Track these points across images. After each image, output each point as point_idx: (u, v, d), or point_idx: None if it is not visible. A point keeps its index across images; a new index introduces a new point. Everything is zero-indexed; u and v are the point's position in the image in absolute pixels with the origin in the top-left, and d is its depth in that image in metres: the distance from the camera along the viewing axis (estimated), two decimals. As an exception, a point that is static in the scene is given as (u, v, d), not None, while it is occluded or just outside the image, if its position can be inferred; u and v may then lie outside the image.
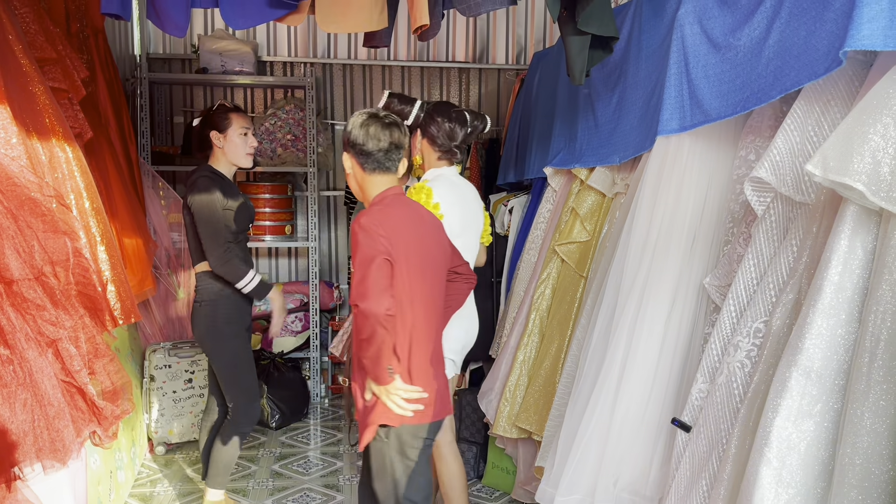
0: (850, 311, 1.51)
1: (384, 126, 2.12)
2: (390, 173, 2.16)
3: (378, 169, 2.15)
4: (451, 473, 2.69)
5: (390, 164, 2.15)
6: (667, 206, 2.26)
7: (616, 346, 2.26)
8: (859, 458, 1.42)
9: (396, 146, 2.13)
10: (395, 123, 2.15)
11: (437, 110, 2.71)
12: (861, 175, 1.42)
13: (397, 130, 2.14)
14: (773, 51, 1.86)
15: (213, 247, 2.84)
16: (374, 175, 2.16)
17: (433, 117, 2.68)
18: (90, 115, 3.04)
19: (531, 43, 5.51)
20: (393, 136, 2.12)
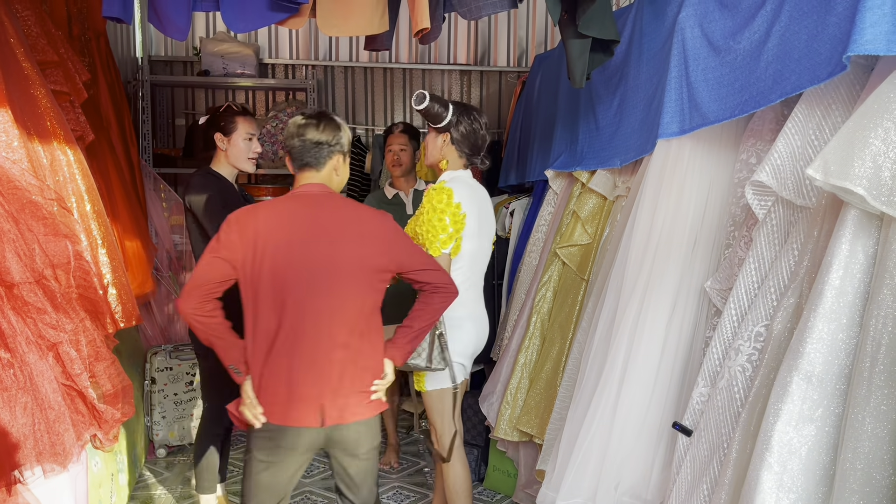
0: (852, 315, 1.51)
1: (306, 124, 2.15)
2: (312, 169, 2.17)
3: (302, 166, 2.17)
4: (456, 476, 2.69)
5: (310, 159, 2.15)
6: (668, 210, 2.26)
7: (617, 349, 2.26)
8: (860, 462, 1.42)
9: (317, 143, 2.14)
10: (320, 121, 2.16)
11: (469, 117, 2.67)
12: (862, 179, 1.42)
13: (315, 129, 2.15)
14: (773, 54, 1.86)
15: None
16: (300, 172, 2.20)
17: (465, 125, 2.65)
18: (92, 118, 3.05)
19: (532, 45, 5.51)
20: (310, 133, 2.14)
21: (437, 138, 2.68)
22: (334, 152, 2.18)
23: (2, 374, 1.53)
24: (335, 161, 2.19)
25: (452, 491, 2.69)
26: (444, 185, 2.60)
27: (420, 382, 2.67)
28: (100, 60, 3.49)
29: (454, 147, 2.66)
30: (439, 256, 2.55)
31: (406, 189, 3.72)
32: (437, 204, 2.55)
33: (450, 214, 2.54)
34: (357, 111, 5.43)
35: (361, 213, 2.23)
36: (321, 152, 2.16)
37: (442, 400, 2.65)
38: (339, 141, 2.19)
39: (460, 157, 2.69)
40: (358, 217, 2.20)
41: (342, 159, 2.23)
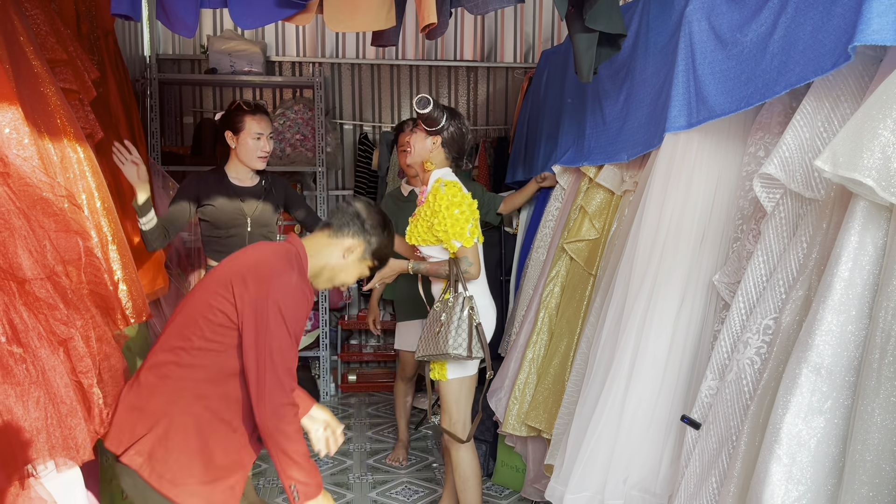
0: (861, 307, 1.51)
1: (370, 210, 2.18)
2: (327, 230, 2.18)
3: (325, 224, 2.20)
4: (467, 464, 2.75)
5: (334, 220, 2.17)
6: (676, 204, 2.26)
7: (625, 343, 2.26)
8: (870, 454, 1.42)
9: (356, 215, 2.17)
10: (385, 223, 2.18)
11: (457, 117, 2.76)
12: (871, 171, 1.41)
13: (366, 208, 2.17)
14: (779, 46, 1.86)
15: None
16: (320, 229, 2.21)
17: (456, 130, 2.74)
18: (101, 116, 3.06)
19: (539, 41, 5.50)
20: (361, 208, 2.17)
21: (427, 139, 2.75)
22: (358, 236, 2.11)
23: (14, 368, 1.54)
24: (351, 243, 2.10)
25: (462, 479, 2.74)
26: (447, 180, 2.68)
27: (442, 372, 2.74)
28: (108, 58, 3.50)
29: (444, 149, 2.75)
30: (471, 247, 2.66)
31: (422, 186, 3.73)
32: (454, 198, 2.63)
33: (466, 205, 2.64)
34: (364, 108, 5.44)
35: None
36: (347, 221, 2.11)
37: (461, 388, 2.75)
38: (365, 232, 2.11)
39: (447, 159, 2.78)
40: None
41: (359, 252, 2.12)
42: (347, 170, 5.47)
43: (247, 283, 1.88)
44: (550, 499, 2.39)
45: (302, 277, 1.99)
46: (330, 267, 2.11)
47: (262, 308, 1.86)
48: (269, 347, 1.86)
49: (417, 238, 2.76)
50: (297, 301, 1.92)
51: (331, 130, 5.09)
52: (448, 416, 2.78)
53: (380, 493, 3.53)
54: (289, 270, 1.95)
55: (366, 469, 3.83)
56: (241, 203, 3.11)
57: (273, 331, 1.86)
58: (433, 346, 2.66)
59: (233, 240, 3.13)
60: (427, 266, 2.75)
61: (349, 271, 2.14)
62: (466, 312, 2.63)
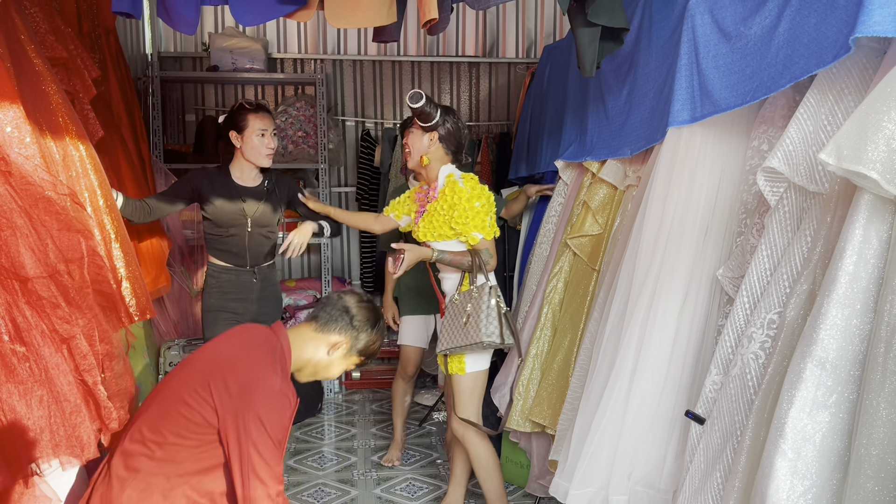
0: (865, 300, 1.50)
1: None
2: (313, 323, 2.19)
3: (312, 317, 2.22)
4: (488, 453, 2.82)
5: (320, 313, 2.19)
6: (679, 198, 2.25)
7: (629, 339, 2.25)
8: (875, 448, 1.41)
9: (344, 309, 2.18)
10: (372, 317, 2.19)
11: (454, 117, 2.81)
12: (875, 163, 1.40)
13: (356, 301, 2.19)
14: (783, 39, 1.84)
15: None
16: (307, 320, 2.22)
17: (451, 125, 2.79)
18: (102, 114, 3.06)
19: (541, 36, 5.49)
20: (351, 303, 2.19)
21: (424, 136, 2.80)
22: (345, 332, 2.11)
23: (18, 367, 1.54)
24: (337, 340, 2.10)
25: (485, 470, 2.83)
26: (464, 174, 2.75)
27: (461, 366, 2.77)
28: (110, 57, 3.50)
29: (441, 144, 2.79)
30: (491, 240, 2.72)
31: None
32: (473, 191, 2.68)
33: (486, 198, 2.69)
34: (366, 104, 5.44)
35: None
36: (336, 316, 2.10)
37: (476, 381, 2.80)
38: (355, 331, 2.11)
39: (446, 155, 2.81)
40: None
41: (344, 349, 2.12)
42: (350, 167, 5.47)
43: (228, 388, 1.85)
44: (555, 494, 2.39)
45: (285, 379, 1.94)
46: (314, 363, 2.10)
47: (243, 418, 1.83)
48: (250, 457, 1.83)
49: (431, 234, 2.78)
50: (281, 409, 1.88)
51: (333, 127, 5.09)
52: (463, 408, 2.83)
53: (384, 490, 3.53)
54: (272, 373, 1.91)
55: (370, 466, 3.83)
56: (242, 203, 3.14)
57: (255, 440, 1.83)
58: (461, 338, 2.69)
59: (233, 239, 3.16)
60: (450, 255, 2.76)
61: (334, 367, 2.13)
62: (494, 301, 2.68)
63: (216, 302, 3.16)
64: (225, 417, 1.83)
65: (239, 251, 3.18)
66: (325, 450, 4.08)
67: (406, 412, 3.87)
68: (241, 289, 3.19)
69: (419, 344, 3.73)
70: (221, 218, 3.14)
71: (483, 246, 2.71)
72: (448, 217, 2.70)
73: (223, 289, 3.16)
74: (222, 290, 3.16)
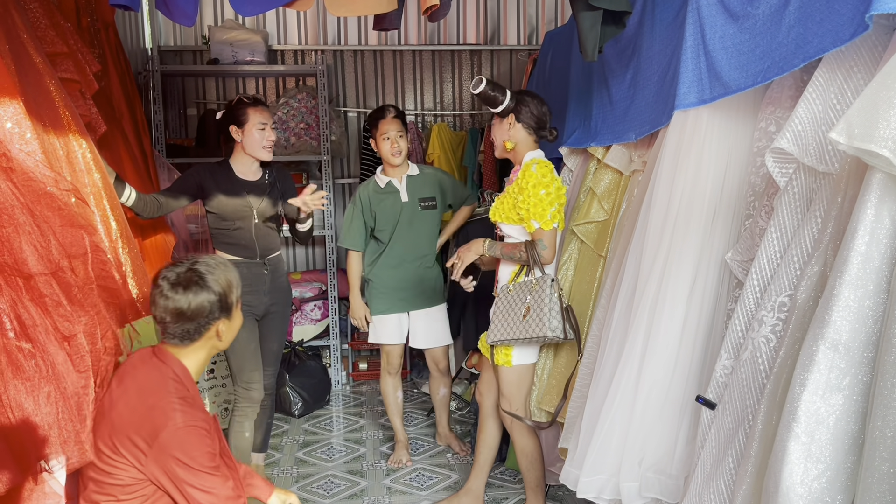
0: (878, 281, 1.48)
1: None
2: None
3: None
4: (534, 443, 2.89)
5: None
6: (686, 182, 2.22)
7: (637, 325, 2.24)
8: (890, 430, 1.39)
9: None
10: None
11: (529, 95, 2.83)
12: (887, 141, 1.38)
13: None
14: (794, 18, 1.81)
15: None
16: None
17: (528, 102, 2.80)
18: (104, 109, 3.04)
19: (543, 22, 5.45)
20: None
21: (503, 122, 2.82)
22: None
23: (24, 363, 1.54)
24: (213, 328, 2.03)
25: (529, 460, 2.90)
26: (540, 161, 2.73)
27: (507, 357, 2.79)
28: (110, 51, 3.48)
29: (521, 125, 2.80)
30: (550, 231, 2.69)
31: (399, 176, 3.61)
32: (542, 178, 2.67)
33: (555, 188, 2.68)
34: (368, 95, 5.41)
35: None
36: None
37: (523, 374, 2.83)
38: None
39: (529, 135, 2.82)
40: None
41: (222, 322, 2.04)
42: (353, 158, 5.45)
43: (136, 445, 1.82)
44: (565, 482, 2.38)
45: (187, 406, 1.88)
46: (215, 348, 2.06)
47: (165, 466, 1.81)
48: (192, 495, 1.83)
49: (501, 215, 2.81)
50: (196, 439, 1.84)
51: (335, 118, 5.06)
52: (508, 400, 2.85)
53: (394, 481, 3.54)
54: (171, 412, 1.84)
55: (379, 456, 3.84)
56: (247, 196, 3.15)
57: (187, 479, 1.82)
58: (518, 331, 2.67)
59: (240, 232, 3.16)
60: (501, 248, 2.77)
61: (233, 331, 2.10)
62: (557, 294, 2.67)
63: None
64: (149, 469, 1.83)
65: (247, 243, 3.18)
66: (334, 441, 4.08)
67: (401, 408, 3.80)
68: (254, 281, 3.19)
69: (399, 340, 3.69)
70: (226, 212, 3.14)
71: (539, 236, 2.68)
72: (515, 200, 2.73)
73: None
74: None
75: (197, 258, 2.03)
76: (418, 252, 3.60)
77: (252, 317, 3.19)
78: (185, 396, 1.91)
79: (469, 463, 3.69)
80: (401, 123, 3.52)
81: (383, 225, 3.59)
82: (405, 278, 3.60)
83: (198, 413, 1.91)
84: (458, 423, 4.33)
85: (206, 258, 2.04)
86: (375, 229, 3.62)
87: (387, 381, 3.75)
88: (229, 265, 2.07)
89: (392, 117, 3.50)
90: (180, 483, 1.81)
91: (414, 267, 3.60)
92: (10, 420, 1.52)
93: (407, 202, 3.58)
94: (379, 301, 3.64)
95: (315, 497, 3.37)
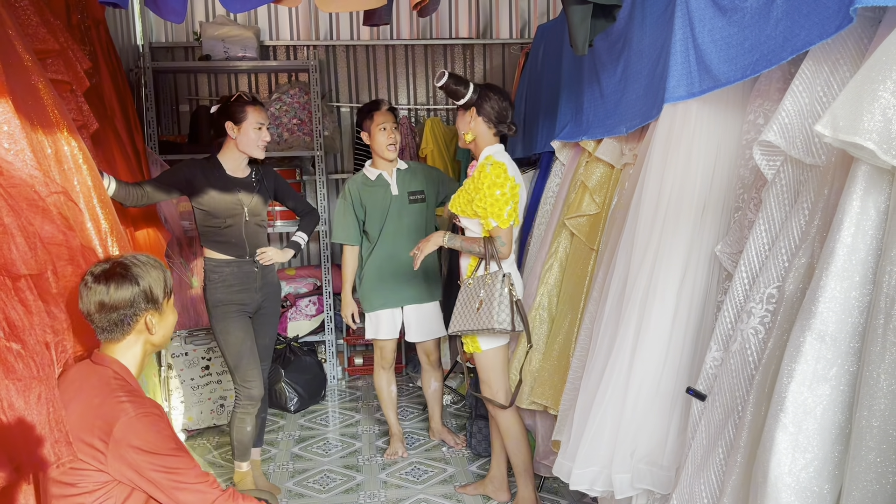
0: (864, 272, 1.49)
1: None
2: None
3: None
4: (517, 425, 2.99)
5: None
6: (676, 175, 2.23)
7: (629, 317, 2.25)
8: (876, 420, 1.41)
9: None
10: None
11: (492, 89, 2.89)
12: (872, 133, 1.39)
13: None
14: (782, 11, 1.82)
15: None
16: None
17: (490, 96, 2.86)
18: (95, 107, 3.04)
19: (535, 16, 5.45)
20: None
21: (465, 115, 2.90)
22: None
23: (14, 364, 1.54)
24: (142, 321, 1.98)
25: (514, 441, 2.97)
26: (494, 160, 2.81)
27: (475, 344, 2.91)
28: (101, 48, 3.47)
29: (481, 119, 2.87)
30: (507, 229, 2.80)
31: (389, 170, 3.62)
32: (497, 178, 2.75)
33: (509, 188, 2.76)
34: (360, 90, 5.41)
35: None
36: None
37: (496, 357, 2.93)
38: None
39: (489, 129, 2.89)
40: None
41: (152, 315, 1.99)
42: (346, 153, 5.44)
43: (94, 447, 1.79)
44: (558, 475, 2.39)
45: (135, 399, 1.86)
46: (151, 344, 2.02)
47: (127, 459, 1.78)
48: (159, 483, 1.80)
49: (457, 207, 2.90)
50: (151, 426, 1.82)
51: (328, 114, 5.06)
52: (488, 385, 2.97)
53: (389, 475, 3.55)
54: (119, 406, 1.82)
55: (375, 451, 3.85)
56: (238, 194, 3.15)
57: (152, 465, 1.79)
58: (473, 322, 2.80)
59: (231, 230, 3.16)
60: (461, 241, 2.86)
61: (167, 326, 2.05)
62: (507, 289, 2.76)
63: (223, 296, 3.16)
64: (113, 467, 1.79)
65: (238, 241, 3.18)
66: (330, 436, 4.09)
67: (395, 402, 3.82)
68: (245, 280, 3.19)
69: (394, 336, 3.70)
70: (218, 209, 3.13)
71: (497, 233, 2.79)
72: (471, 198, 2.80)
73: (227, 282, 3.17)
74: (226, 283, 3.17)
75: (128, 255, 2.02)
76: (409, 246, 3.60)
77: (245, 315, 3.20)
78: (130, 391, 1.89)
79: (465, 456, 3.71)
80: (394, 117, 3.56)
81: (373, 218, 3.59)
82: (398, 273, 3.61)
83: (147, 401, 1.89)
84: (453, 417, 4.34)
85: (138, 255, 2.02)
86: (365, 223, 3.62)
87: (380, 376, 3.76)
88: (160, 264, 2.03)
89: (386, 109, 3.56)
90: (146, 471, 1.79)
91: (406, 261, 3.59)
92: (3, 420, 1.52)
93: (397, 195, 3.59)
94: (373, 297, 3.65)
95: (311, 492, 3.39)
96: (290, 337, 4.79)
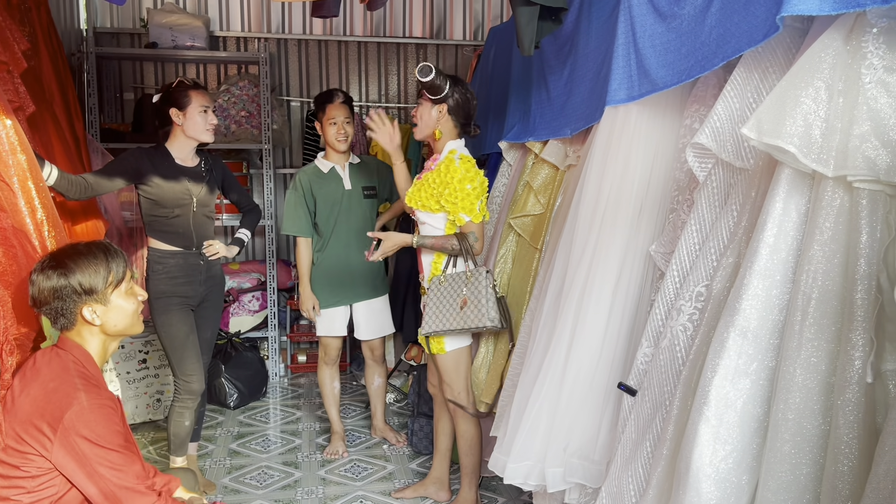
0: (785, 272, 1.55)
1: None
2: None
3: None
4: (475, 429, 2.99)
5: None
6: (615, 177, 2.28)
7: (566, 314, 2.29)
8: (792, 413, 1.47)
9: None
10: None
11: (460, 84, 2.84)
12: (793, 138, 1.45)
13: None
14: (716, 18, 1.88)
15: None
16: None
17: (462, 97, 2.82)
18: (33, 89, 2.94)
19: (488, 18, 5.50)
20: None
21: (433, 109, 2.83)
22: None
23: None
24: (85, 314, 1.92)
25: (468, 445, 2.97)
26: (462, 154, 2.79)
27: (440, 346, 2.86)
28: (41, 30, 3.36)
29: (451, 117, 2.83)
30: (479, 223, 2.78)
31: (342, 163, 3.61)
32: (467, 173, 2.73)
33: (479, 182, 2.74)
34: (311, 85, 5.37)
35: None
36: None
37: (460, 359, 2.92)
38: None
39: (455, 127, 2.86)
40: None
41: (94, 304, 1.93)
42: (295, 147, 5.39)
43: (43, 432, 1.76)
44: (493, 469, 2.42)
45: (92, 388, 1.84)
46: (106, 334, 1.98)
47: (74, 449, 1.75)
48: (101, 476, 1.77)
49: (418, 202, 2.83)
50: (103, 418, 1.79)
51: (277, 107, 5.01)
52: (450, 387, 2.94)
53: (328, 472, 3.53)
54: (74, 393, 1.79)
55: (314, 448, 3.82)
56: (187, 183, 3.08)
57: (96, 457, 1.76)
58: (457, 321, 2.73)
59: (178, 220, 3.09)
60: (432, 240, 2.81)
61: (121, 315, 1.98)
62: (492, 286, 2.74)
63: (166, 288, 3.09)
64: (56, 457, 1.75)
65: (185, 232, 3.11)
66: (270, 433, 4.05)
67: (338, 399, 3.79)
68: (189, 272, 3.13)
69: (341, 333, 3.69)
70: (165, 198, 3.06)
71: (469, 228, 2.77)
72: (438, 193, 2.76)
73: (171, 273, 3.10)
74: (170, 274, 3.10)
75: (71, 245, 1.98)
76: (360, 242, 3.58)
77: (188, 307, 3.13)
78: (88, 377, 1.86)
79: (405, 454, 3.71)
80: (348, 110, 3.52)
81: (323, 211, 3.56)
82: (349, 269, 3.59)
83: (103, 392, 1.86)
84: (396, 416, 4.34)
85: (79, 245, 1.97)
86: (315, 216, 3.59)
87: (324, 372, 3.73)
88: (107, 252, 1.97)
89: (340, 102, 3.50)
90: (88, 463, 1.75)
91: (358, 258, 3.57)
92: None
93: (350, 190, 3.57)
94: (326, 294, 3.62)
95: (248, 488, 3.34)
96: (232, 332, 4.72)
